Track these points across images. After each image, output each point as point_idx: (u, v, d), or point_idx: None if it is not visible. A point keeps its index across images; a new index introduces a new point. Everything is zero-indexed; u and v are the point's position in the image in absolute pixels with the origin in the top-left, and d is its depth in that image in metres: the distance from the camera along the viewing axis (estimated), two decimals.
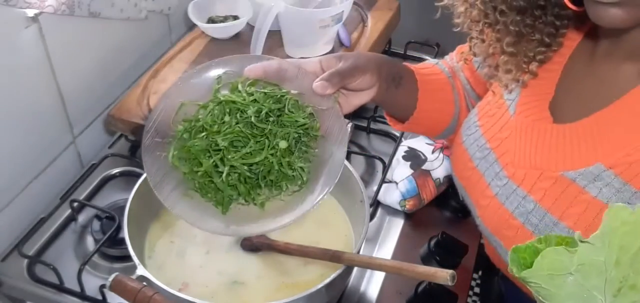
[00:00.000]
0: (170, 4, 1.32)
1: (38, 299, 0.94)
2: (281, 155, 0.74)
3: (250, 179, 0.74)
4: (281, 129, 0.75)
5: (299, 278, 0.86)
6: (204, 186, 0.76)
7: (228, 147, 0.74)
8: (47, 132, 1.07)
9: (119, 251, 0.97)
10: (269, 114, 0.75)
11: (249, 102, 0.76)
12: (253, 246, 0.88)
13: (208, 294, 0.83)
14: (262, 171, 0.74)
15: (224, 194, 0.75)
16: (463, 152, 0.90)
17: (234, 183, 0.74)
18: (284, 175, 0.75)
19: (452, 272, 0.67)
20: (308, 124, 0.77)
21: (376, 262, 0.79)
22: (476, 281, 1.00)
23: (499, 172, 0.84)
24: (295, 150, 0.76)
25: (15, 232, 1.01)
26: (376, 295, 0.93)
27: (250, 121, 0.75)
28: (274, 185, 0.76)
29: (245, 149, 0.74)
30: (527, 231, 0.79)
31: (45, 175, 1.08)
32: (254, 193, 0.76)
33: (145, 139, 0.78)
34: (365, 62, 0.83)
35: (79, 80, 1.12)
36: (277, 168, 0.74)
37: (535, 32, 0.83)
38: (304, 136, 0.77)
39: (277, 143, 0.74)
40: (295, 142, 0.76)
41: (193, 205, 0.76)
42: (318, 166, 0.78)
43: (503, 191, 0.82)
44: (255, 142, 0.74)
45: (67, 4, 1.01)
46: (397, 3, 1.45)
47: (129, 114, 1.13)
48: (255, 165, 0.74)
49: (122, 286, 0.74)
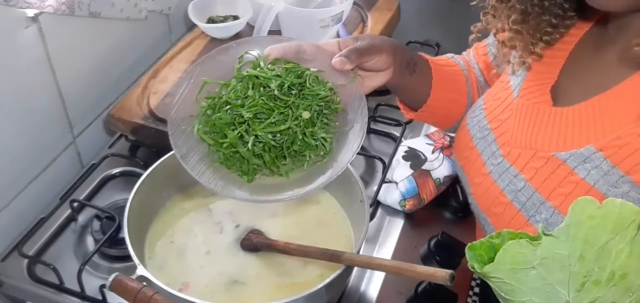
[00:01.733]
0: (170, 4, 1.32)
1: (38, 299, 0.94)
2: (304, 125, 0.76)
3: (275, 148, 0.76)
4: (303, 101, 0.77)
5: (299, 278, 0.86)
6: (229, 157, 0.77)
7: (252, 118, 0.76)
8: (47, 132, 1.07)
9: (119, 251, 0.97)
10: (291, 87, 0.78)
11: (272, 76, 0.79)
12: (253, 246, 0.88)
13: (208, 294, 0.83)
14: (286, 141, 0.76)
15: (249, 164, 0.77)
16: (466, 133, 0.92)
17: (260, 153, 0.76)
18: (308, 145, 0.77)
19: (452, 272, 0.67)
20: (329, 96, 0.79)
21: (376, 262, 0.79)
22: (476, 281, 1.00)
23: (496, 151, 0.86)
24: (317, 122, 0.78)
25: (15, 232, 1.01)
26: (376, 295, 0.93)
27: (273, 94, 0.77)
28: (298, 155, 0.77)
29: (269, 120, 0.76)
30: (515, 208, 0.81)
31: (45, 175, 1.08)
32: (279, 162, 0.77)
33: (172, 113, 0.81)
34: (380, 42, 0.85)
35: (79, 80, 1.12)
36: (301, 137, 0.76)
37: (543, 12, 0.84)
38: (326, 108, 0.79)
39: (300, 114, 0.76)
40: (317, 114, 0.78)
41: (219, 175, 0.77)
42: (339, 138, 0.80)
43: (497, 169, 0.85)
44: (278, 113, 0.76)
45: (67, 4, 1.01)
46: (397, 3, 1.45)
47: (129, 114, 1.13)
48: (280, 135, 0.76)
49: (122, 286, 0.74)
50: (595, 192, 0.74)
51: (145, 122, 1.12)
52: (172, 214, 0.94)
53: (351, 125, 0.80)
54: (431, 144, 1.11)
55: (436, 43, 1.39)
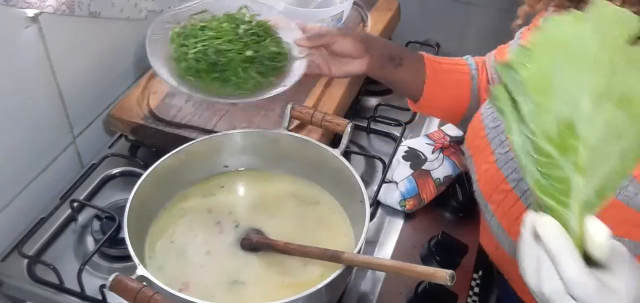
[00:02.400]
0: (170, 4, 1.32)
1: (38, 299, 0.94)
2: (243, 60, 0.98)
3: (212, 64, 0.97)
4: (255, 46, 1.00)
5: (299, 278, 0.86)
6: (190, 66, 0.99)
7: (211, 37, 0.99)
8: (47, 132, 1.07)
9: (119, 251, 0.97)
10: (253, 34, 1.01)
11: (245, 21, 1.03)
12: (253, 246, 0.88)
13: (208, 294, 0.83)
14: (224, 64, 0.97)
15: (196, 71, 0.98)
16: (479, 123, 0.93)
17: (200, 60, 0.98)
18: (236, 74, 0.98)
19: (452, 272, 0.67)
20: (277, 55, 1.01)
21: (376, 262, 0.79)
22: (476, 281, 1.00)
23: (504, 140, 0.87)
24: (256, 64, 0.99)
25: (15, 232, 1.01)
26: (376, 295, 0.93)
27: (238, 31, 1.00)
28: (226, 78, 0.98)
29: (219, 40, 0.98)
30: (515, 195, 0.82)
31: (45, 175, 1.08)
32: (208, 76, 0.98)
33: (151, 31, 1.02)
34: (349, 30, 0.96)
35: (79, 80, 1.12)
36: (236, 67, 0.98)
37: None
38: (268, 60, 1.00)
39: (245, 50, 0.98)
40: (259, 60, 0.99)
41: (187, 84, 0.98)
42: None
43: (503, 157, 0.86)
44: (229, 42, 0.99)
45: (67, 4, 1.01)
46: (397, 3, 1.45)
47: (129, 114, 1.13)
48: (222, 57, 0.97)
49: (122, 286, 0.74)
50: None
51: (145, 122, 1.12)
52: (172, 214, 0.94)
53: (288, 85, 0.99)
54: (431, 144, 1.11)
55: (436, 43, 1.39)
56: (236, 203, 0.97)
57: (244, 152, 1.00)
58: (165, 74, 0.97)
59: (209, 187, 0.98)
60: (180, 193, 0.96)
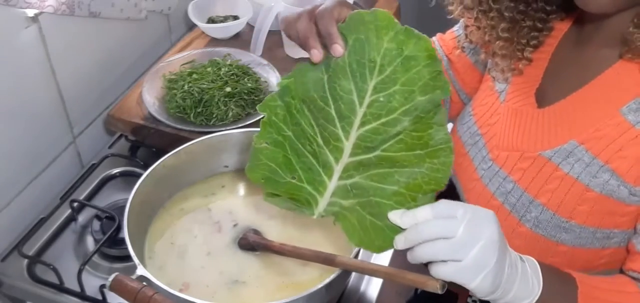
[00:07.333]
0: (170, 4, 1.32)
1: (38, 299, 0.94)
2: (223, 95, 1.14)
3: (197, 101, 1.13)
4: (235, 84, 1.16)
5: (299, 278, 0.86)
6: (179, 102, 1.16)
7: (196, 79, 1.17)
8: (47, 132, 1.07)
9: (119, 251, 0.97)
10: (233, 75, 1.19)
11: (227, 65, 1.21)
12: (250, 245, 0.88)
13: (208, 294, 0.83)
14: (207, 101, 1.13)
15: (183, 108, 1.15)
16: (457, 141, 0.94)
17: (186, 99, 1.14)
18: (218, 108, 1.13)
19: (443, 282, 0.67)
20: (254, 90, 1.18)
21: (368, 267, 0.78)
22: None
23: (485, 155, 0.88)
24: (235, 99, 1.15)
25: (15, 232, 1.01)
26: (376, 296, 0.93)
27: (219, 73, 1.18)
28: (208, 114, 1.13)
29: (202, 80, 1.17)
30: (506, 210, 0.84)
31: (45, 175, 1.08)
32: (192, 111, 1.13)
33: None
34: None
35: (79, 80, 1.12)
36: (217, 102, 1.13)
37: (527, 18, 0.86)
38: (247, 95, 1.16)
39: (224, 87, 1.15)
40: (238, 95, 1.15)
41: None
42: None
43: (487, 173, 0.87)
44: (210, 81, 1.17)
45: (67, 4, 1.01)
46: (397, 3, 1.45)
47: (129, 114, 1.13)
48: (204, 94, 1.14)
49: (122, 286, 0.74)
50: (578, 184, 0.77)
51: (145, 122, 1.12)
52: (172, 214, 0.94)
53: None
54: None
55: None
56: (236, 204, 0.97)
57: (244, 152, 1.00)
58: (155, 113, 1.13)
59: (209, 187, 0.98)
60: (180, 193, 0.96)
